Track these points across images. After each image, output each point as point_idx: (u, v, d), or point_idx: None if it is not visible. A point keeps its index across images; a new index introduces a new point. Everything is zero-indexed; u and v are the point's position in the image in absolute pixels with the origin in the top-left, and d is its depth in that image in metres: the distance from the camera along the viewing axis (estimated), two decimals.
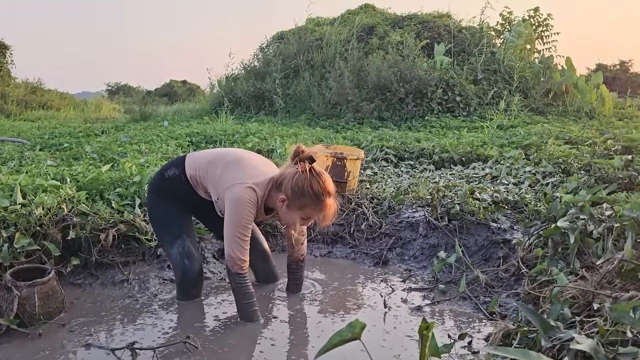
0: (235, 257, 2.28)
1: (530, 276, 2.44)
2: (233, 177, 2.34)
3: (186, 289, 2.64)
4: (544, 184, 4.02)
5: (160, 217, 2.63)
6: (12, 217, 2.77)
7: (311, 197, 2.26)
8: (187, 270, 2.57)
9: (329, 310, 2.57)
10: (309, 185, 2.25)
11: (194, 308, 2.59)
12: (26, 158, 5.17)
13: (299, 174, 2.27)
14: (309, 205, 2.29)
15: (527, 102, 9.85)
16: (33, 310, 2.28)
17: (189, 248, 2.58)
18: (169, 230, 2.59)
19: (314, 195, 2.26)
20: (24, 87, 17.26)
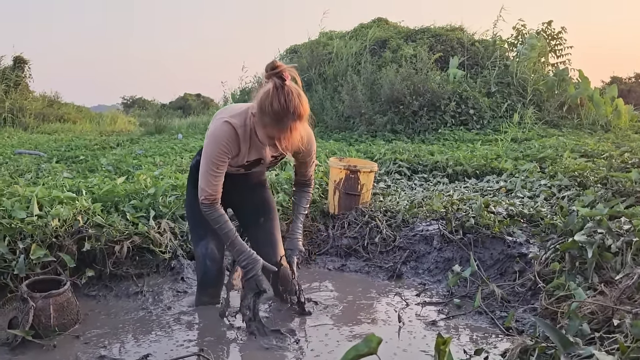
0: (203, 189, 2.31)
1: (547, 291, 2.40)
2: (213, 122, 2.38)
3: (204, 289, 2.69)
4: (559, 198, 3.98)
5: (191, 215, 2.68)
6: (29, 228, 2.80)
7: (270, 116, 2.11)
8: (207, 271, 2.61)
9: (343, 325, 2.55)
10: (269, 103, 2.09)
11: (208, 320, 2.58)
12: (43, 170, 5.24)
13: (265, 90, 2.14)
14: (270, 124, 2.14)
15: (541, 115, 9.78)
16: (48, 322, 2.29)
17: (212, 250, 2.59)
18: (196, 230, 2.65)
19: (274, 114, 2.09)
20: (42, 100, 17.51)
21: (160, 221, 3.32)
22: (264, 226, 2.70)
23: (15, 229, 2.79)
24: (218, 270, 2.65)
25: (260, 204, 2.73)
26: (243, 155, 2.38)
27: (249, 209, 2.73)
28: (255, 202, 2.73)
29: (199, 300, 2.72)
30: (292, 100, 2.08)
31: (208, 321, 2.57)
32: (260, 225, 2.71)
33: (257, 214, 2.72)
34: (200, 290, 2.72)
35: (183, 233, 3.38)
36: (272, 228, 2.72)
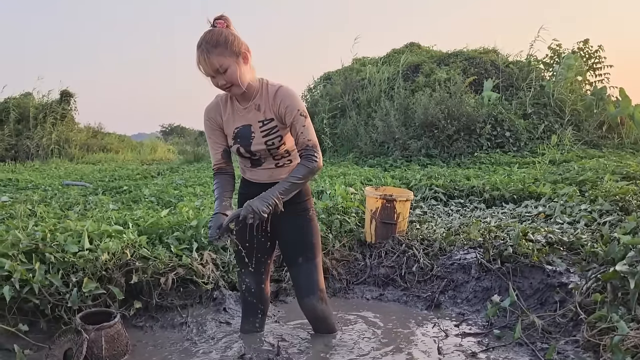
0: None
1: (589, 322, 2.37)
2: None
3: (245, 318, 2.80)
4: (600, 224, 3.91)
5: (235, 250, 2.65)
6: (80, 262, 2.94)
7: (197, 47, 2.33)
8: (245, 301, 2.75)
9: (381, 356, 2.58)
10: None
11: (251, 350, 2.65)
12: (90, 202, 5.47)
13: None
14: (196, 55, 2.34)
15: (580, 135, 9.63)
16: (100, 353, 2.41)
17: (248, 283, 2.67)
18: (237, 263, 2.76)
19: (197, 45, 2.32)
20: (86, 131, 18.22)
21: (202, 253, 3.43)
22: (302, 267, 2.60)
23: (68, 263, 2.95)
24: (256, 302, 2.71)
25: (299, 242, 2.61)
26: (229, 122, 2.53)
27: (289, 246, 2.65)
28: (295, 238, 2.62)
29: (242, 328, 2.83)
30: (213, 31, 2.31)
31: (251, 351, 2.64)
32: (298, 265, 2.62)
33: (296, 253, 2.62)
34: (242, 318, 2.83)
35: (224, 264, 3.48)
36: (311, 271, 2.60)
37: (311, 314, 2.69)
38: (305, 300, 2.63)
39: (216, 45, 2.27)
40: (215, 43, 2.28)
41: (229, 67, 2.30)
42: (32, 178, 9.03)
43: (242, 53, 2.34)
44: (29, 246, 2.93)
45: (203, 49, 2.28)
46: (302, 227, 2.62)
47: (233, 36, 2.33)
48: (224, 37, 2.30)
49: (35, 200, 5.59)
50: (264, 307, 2.78)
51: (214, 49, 2.27)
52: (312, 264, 2.61)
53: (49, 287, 2.77)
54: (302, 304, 2.66)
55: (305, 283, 2.61)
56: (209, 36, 2.30)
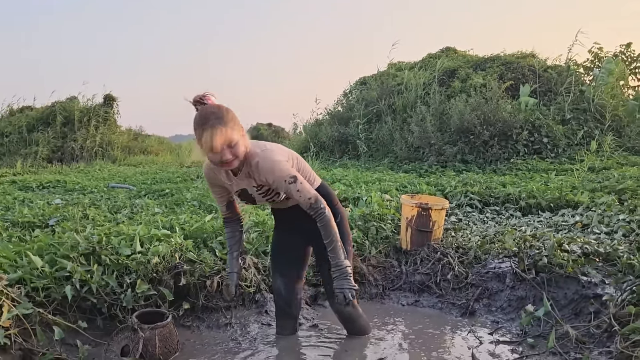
0: None
1: (623, 334, 2.42)
2: None
3: (277, 320, 3.00)
4: (639, 234, 3.90)
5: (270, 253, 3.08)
6: (134, 264, 3.15)
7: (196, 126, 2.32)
8: (276, 303, 2.97)
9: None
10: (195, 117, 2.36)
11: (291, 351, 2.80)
12: (136, 206, 5.73)
13: None
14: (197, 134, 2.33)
15: (621, 141, 9.45)
16: (154, 351, 2.59)
17: (278, 286, 2.88)
18: (270, 264, 3.01)
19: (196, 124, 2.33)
20: (127, 134, 18.81)
21: (244, 257, 3.61)
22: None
23: (122, 265, 3.16)
24: (285, 305, 2.90)
25: None
26: (229, 184, 2.63)
27: (319, 251, 2.79)
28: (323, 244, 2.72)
29: (277, 330, 3.03)
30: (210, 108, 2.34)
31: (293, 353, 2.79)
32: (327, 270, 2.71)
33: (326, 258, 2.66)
34: (276, 320, 3.03)
35: (265, 268, 3.64)
36: None
37: (340, 315, 2.88)
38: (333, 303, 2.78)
39: (226, 120, 2.31)
40: (224, 118, 2.31)
41: (238, 141, 2.34)
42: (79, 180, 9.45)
43: (242, 126, 2.40)
44: (87, 249, 3.16)
45: (214, 124, 2.27)
46: None
47: (230, 110, 2.38)
48: (229, 112, 2.35)
49: (86, 203, 5.89)
50: (293, 311, 2.95)
51: (226, 123, 2.30)
52: None
53: (105, 287, 2.99)
54: (332, 306, 2.85)
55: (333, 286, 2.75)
56: (213, 112, 2.32)
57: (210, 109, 2.33)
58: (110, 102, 18.12)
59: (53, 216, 4.83)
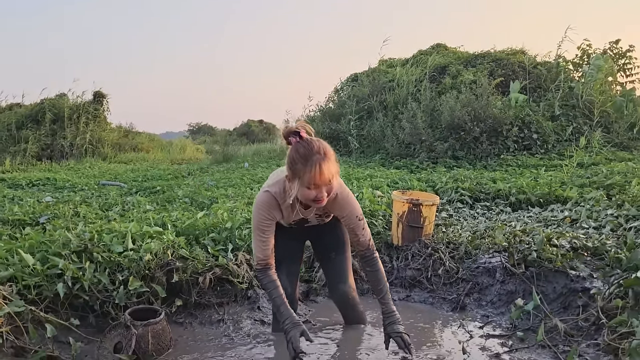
0: (255, 255, 2.58)
1: (610, 327, 2.47)
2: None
3: (275, 318, 2.96)
4: (626, 229, 3.96)
5: None
6: (126, 261, 3.16)
7: (300, 161, 2.29)
8: None
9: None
10: (296, 152, 2.33)
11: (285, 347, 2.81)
12: (128, 203, 5.72)
13: (290, 148, 2.38)
14: (302, 169, 2.29)
15: (609, 137, 9.54)
16: (147, 347, 2.60)
17: (284, 284, 2.80)
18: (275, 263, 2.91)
19: (302, 158, 2.29)
20: (118, 131, 18.72)
21: (237, 253, 3.62)
22: (334, 260, 2.92)
23: (114, 262, 3.16)
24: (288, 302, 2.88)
25: (333, 241, 2.92)
26: (287, 217, 2.63)
27: (323, 245, 2.97)
28: (328, 239, 2.94)
29: (274, 328, 3.03)
30: (313, 143, 2.32)
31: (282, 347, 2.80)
32: (331, 259, 2.93)
33: (329, 250, 2.94)
34: (273, 318, 3.03)
35: None
36: (342, 262, 2.92)
37: (343, 300, 2.94)
38: (338, 286, 2.90)
39: (330, 156, 2.32)
40: (327, 154, 2.31)
41: (333, 181, 2.36)
42: (69, 177, 9.41)
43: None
44: (78, 246, 3.16)
45: (320, 160, 2.28)
46: (335, 226, 2.89)
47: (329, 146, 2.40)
48: (329, 148, 2.36)
49: (77, 200, 5.87)
50: (294, 307, 2.96)
51: (329, 159, 2.31)
52: (344, 256, 2.92)
53: (97, 284, 3.00)
54: (335, 291, 2.93)
55: (338, 272, 2.91)
56: (319, 147, 2.30)
57: (316, 145, 2.31)
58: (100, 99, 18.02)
59: (44, 214, 4.82)
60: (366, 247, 2.64)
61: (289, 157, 2.36)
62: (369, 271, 2.68)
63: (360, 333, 2.98)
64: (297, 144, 2.35)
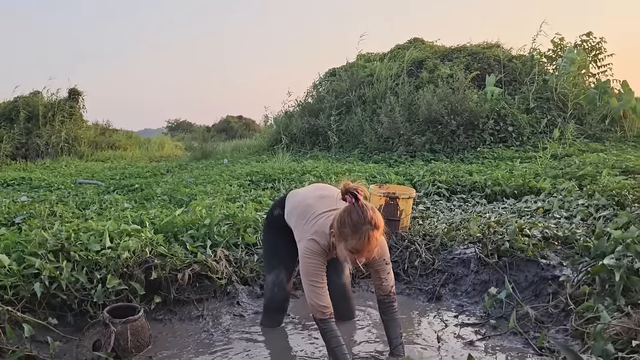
0: (314, 304, 2.45)
1: (577, 312, 2.56)
2: (300, 232, 2.62)
3: (269, 313, 3.03)
4: (596, 218, 4.07)
5: (267, 247, 3.03)
6: (103, 260, 3.15)
7: (350, 227, 2.30)
8: (274, 297, 2.94)
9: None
10: (348, 215, 2.33)
11: (265, 341, 2.86)
12: (105, 201, 5.68)
13: (345, 208, 2.38)
14: (350, 235, 2.31)
15: (582, 129, 9.74)
16: (126, 344, 2.62)
17: (281, 279, 2.91)
18: (270, 260, 2.97)
19: (353, 225, 2.30)
20: (94, 129, 18.44)
21: (215, 249, 3.64)
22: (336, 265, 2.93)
23: (92, 261, 3.16)
24: (284, 298, 2.97)
25: None
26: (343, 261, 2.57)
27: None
28: None
29: (263, 322, 3.09)
30: (367, 211, 2.32)
31: (266, 343, 2.85)
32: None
33: None
34: (266, 313, 3.07)
35: (237, 260, 3.68)
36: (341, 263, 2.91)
37: (339, 293, 2.96)
38: (335, 280, 2.96)
39: (379, 227, 2.34)
40: (379, 225, 2.33)
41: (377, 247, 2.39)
42: (45, 177, 9.26)
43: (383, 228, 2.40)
44: (55, 245, 3.15)
45: (372, 229, 2.29)
46: None
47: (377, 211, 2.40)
48: (379, 217, 2.35)
49: (53, 200, 5.80)
50: (287, 305, 3.07)
51: (378, 230, 2.33)
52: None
53: (75, 283, 2.99)
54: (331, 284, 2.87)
55: (335, 265, 2.90)
56: (372, 217, 2.31)
57: (369, 214, 2.31)
58: (76, 97, 17.71)
59: (19, 214, 4.76)
60: (387, 293, 2.62)
61: (341, 218, 2.35)
62: (385, 319, 2.64)
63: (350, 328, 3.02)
64: (351, 207, 2.34)
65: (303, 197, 2.81)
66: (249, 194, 5.87)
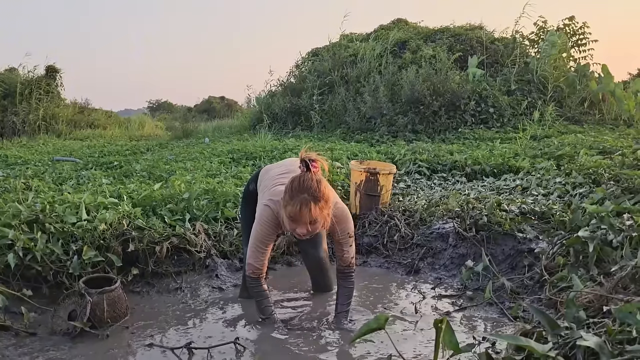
0: (251, 263, 2.57)
1: (551, 283, 2.60)
2: (259, 199, 2.67)
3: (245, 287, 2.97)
4: (572, 195, 4.13)
5: (244, 220, 3.01)
6: (79, 232, 3.11)
7: (289, 193, 2.32)
8: None
9: (363, 316, 2.79)
10: (292, 182, 2.36)
11: (244, 313, 2.86)
12: (83, 177, 5.59)
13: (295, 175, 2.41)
14: (288, 201, 2.33)
15: (562, 111, 9.84)
16: (102, 315, 2.59)
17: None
18: (247, 232, 2.89)
19: (292, 191, 2.32)
20: (73, 107, 18.08)
21: (194, 223, 3.61)
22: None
23: (67, 233, 3.11)
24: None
25: None
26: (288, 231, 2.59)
27: None
28: None
29: (241, 294, 3.08)
30: (311, 182, 2.32)
31: (244, 314, 2.85)
32: None
33: None
34: (244, 285, 3.01)
35: (216, 234, 3.66)
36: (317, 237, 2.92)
37: (316, 266, 3.06)
38: (312, 252, 3.03)
39: (319, 198, 2.31)
40: (319, 196, 2.31)
41: (319, 222, 2.36)
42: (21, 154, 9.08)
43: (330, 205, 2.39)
44: (29, 217, 3.09)
45: (307, 201, 2.28)
46: None
47: (328, 187, 2.40)
48: (325, 189, 2.34)
49: (29, 175, 5.70)
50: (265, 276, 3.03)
51: (318, 201, 2.31)
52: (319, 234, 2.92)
53: (50, 255, 2.95)
54: (308, 256, 3.07)
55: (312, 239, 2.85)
56: (312, 187, 2.30)
57: (310, 184, 2.31)
58: (53, 74, 17.33)
59: None
60: (347, 264, 2.65)
61: (287, 184, 2.37)
62: (341, 285, 2.69)
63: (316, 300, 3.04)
64: (300, 176, 2.35)
65: (272, 170, 2.84)
66: (230, 170, 5.84)
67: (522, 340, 1.38)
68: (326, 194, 2.35)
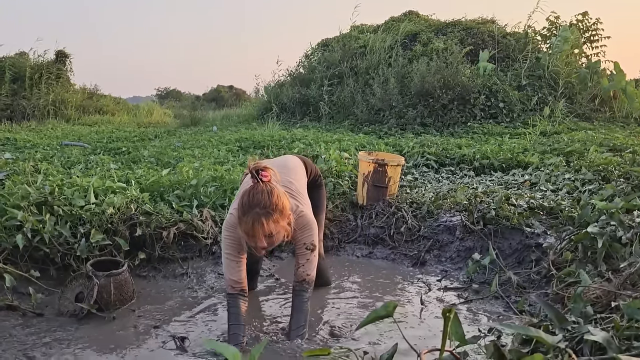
0: (226, 277, 2.38)
1: (559, 277, 2.59)
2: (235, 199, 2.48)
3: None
4: (582, 191, 4.10)
5: None
6: (87, 215, 3.12)
7: (241, 209, 2.17)
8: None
9: (369, 306, 2.79)
10: (242, 197, 2.20)
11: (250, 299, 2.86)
12: (91, 162, 5.61)
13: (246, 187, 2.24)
14: (241, 217, 2.17)
15: (572, 108, 9.76)
16: (109, 297, 2.61)
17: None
18: None
19: (244, 207, 2.16)
20: (82, 93, 18.12)
21: (202, 210, 3.62)
22: None
23: (75, 215, 3.13)
24: (254, 263, 2.93)
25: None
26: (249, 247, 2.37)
27: None
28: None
29: None
30: (264, 193, 2.14)
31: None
32: None
33: None
34: None
35: (223, 221, 3.65)
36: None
37: None
38: None
39: (272, 211, 2.14)
40: (270, 208, 2.13)
41: (278, 233, 2.19)
42: (30, 138, 9.12)
43: (289, 212, 2.23)
44: (38, 199, 3.11)
45: (258, 215, 2.11)
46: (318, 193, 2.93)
47: (282, 196, 2.20)
48: (279, 200, 2.16)
49: (38, 158, 5.73)
50: (259, 268, 3.08)
51: (271, 215, 2.13)
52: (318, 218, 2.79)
53: (58, 237, 2.97)
54: None
55: None
56: (262, 200, 2.13)
57: (260, 197, 2.13)
58: (63, 59, 17.37)
59: (2, 170, 4.69)
60: (300, 280, 2.41)
61: (239, 199, 2.22)
62: (292, 306, 2.45)
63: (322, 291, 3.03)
64: (250, 189, 2.18)
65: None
66: (237, 158, 5.84)
67: (532, 331, 1.37)
68: (280, 204, 2.17)
